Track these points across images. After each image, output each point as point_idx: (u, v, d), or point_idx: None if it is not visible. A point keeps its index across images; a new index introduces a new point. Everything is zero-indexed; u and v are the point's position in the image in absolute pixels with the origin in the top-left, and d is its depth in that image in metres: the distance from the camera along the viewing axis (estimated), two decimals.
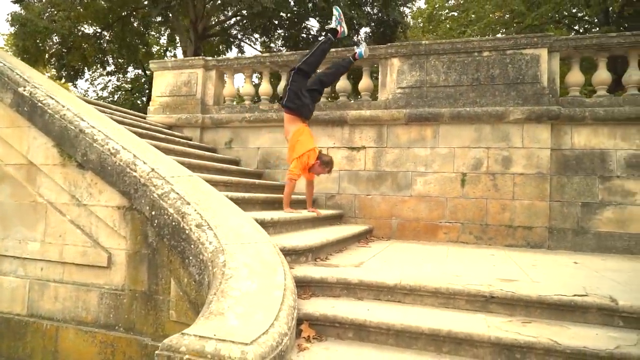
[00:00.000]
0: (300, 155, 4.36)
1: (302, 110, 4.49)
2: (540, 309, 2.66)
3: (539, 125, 5.25)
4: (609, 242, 5.06)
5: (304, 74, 4.51)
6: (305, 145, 4.39)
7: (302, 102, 4.44)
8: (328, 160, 4.52)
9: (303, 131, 4.46)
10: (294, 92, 4.43)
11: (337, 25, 4.61)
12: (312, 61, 4.52)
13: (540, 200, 5.22)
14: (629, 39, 5.17)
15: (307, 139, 4.44)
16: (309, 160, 4.40)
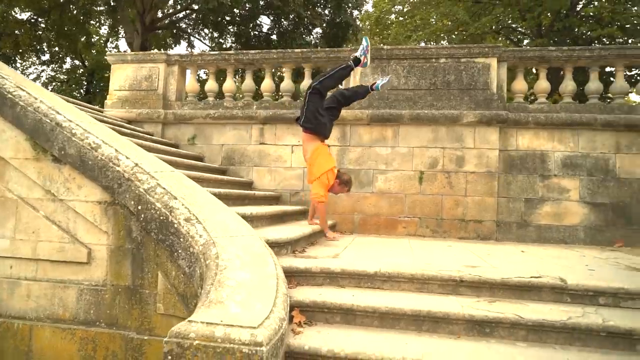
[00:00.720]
0: (319, 176, 4.34)
1: (320, 130, 4.44)
2: (503, 289, 3.02)
3: (489, 128, 5.75)
4: (547, 233, 5.65)
5: (320, 95, 4.44)
6: (323, 166, 4.34)
7: (320, 121, 4.40)
8: (347, 180, 4.48)
9: (321, 151, 4.41)
10: (312, 112, 4.38)
11: (362, 55, 4.55)
12: (328, 84, 4.45)
13: (489, 196, 5.72)
14: (565, 53, 5.80)
15: (324, 159, 4.39)
16: (329, 181, 4.37)
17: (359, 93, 4.75)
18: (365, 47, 4.55)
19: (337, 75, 4.44)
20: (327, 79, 4.37)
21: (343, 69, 4.47)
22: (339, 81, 4.56)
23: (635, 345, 2.52)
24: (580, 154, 5.67)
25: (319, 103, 4.38)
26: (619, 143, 5.61)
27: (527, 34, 13.88)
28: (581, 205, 5.62)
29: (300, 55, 6.29)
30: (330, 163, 4.37)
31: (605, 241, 5.49)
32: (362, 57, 4.53)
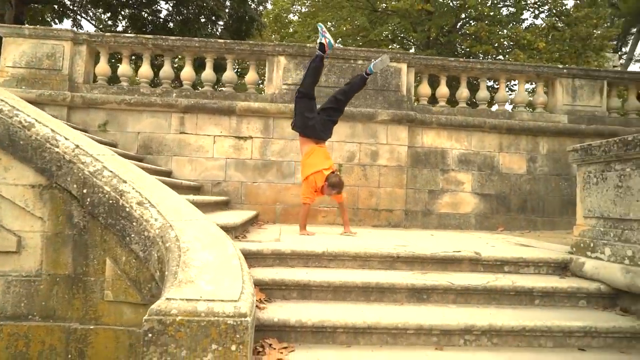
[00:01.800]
0: (306, 177, 4.42)
1: (309, 132, 4.49)
2: (431, 263, 3.50)
3: (400, 126, 6.38)
4: (446, 220, 6.47)
5: (306, 96, 4.51)
6: (310, 167, 4.40)
7: (306, 124, 4.45)
8: (334, 182, 4.36)
9: (312, 153, 4.47)
10: (298, 115, 4.52)
11: (322, 38, 4.51)
12: (307, 81, 4.53)
13: (399, 188, 6.35)
14: (462, 64, 6.68)
15: (314, 160, 4.42)
16: (317, 183, 4.38)
17: (356, 83, 4.68)
18: (320, 30, 4.56)
19: (310, 71, 4.50)
20: (305, 78, 4.50)
21: (313, 61, 4.53)
22: (315, 73, 4.54)
23: (534, 300, 3.16)
24: (472, 152, 6.59)
25: (307, 105, 4.43)
26: (502, 143, 6.65)
27: (417, 44, 15.33)
28: (473, 196, 6.55)
29: (223, 46, 6.27)
30: (319, 165, 4.35)
31: (491, 226, 6.47)
32: (323, 40, 4.46)
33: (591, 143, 3.55)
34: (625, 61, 27.71)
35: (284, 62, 6.27)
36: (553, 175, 6.68)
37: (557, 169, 6.69)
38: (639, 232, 3.07)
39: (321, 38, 4.47)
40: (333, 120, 4.62)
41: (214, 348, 2.16)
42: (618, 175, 3.25)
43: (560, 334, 2.76)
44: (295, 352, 2.51)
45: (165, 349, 2.14)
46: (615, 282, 3.08)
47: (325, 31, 4.49)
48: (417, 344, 2.68)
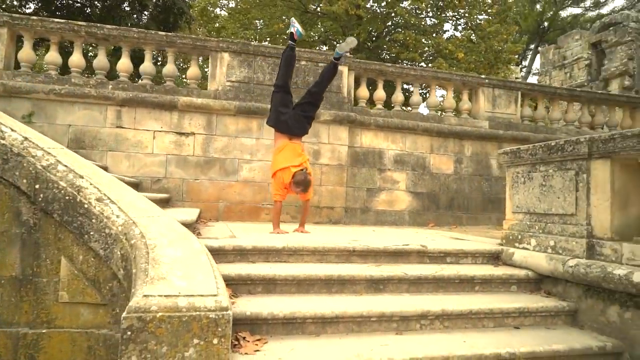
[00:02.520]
0: (274, 173, 4.38)
1: (281, 127, 4.47)
2: (384, 256, 3.74)
3: (341, 127, 6.63)
4: (383, 217, 6.84)
5: (282, 89, 4.51)
6: (279, 164, 4.33)
7: (279, 118, 4.42)
8: (299, 180, 4.27)
9: (283, 149, 4.40)
10: (273, 109, 4.51)
11: (292, 27, 4.56)
12: (281, 72, 4.53)
13: (340, 186, 6.60)
14: (398, 69, 7.09)
15: (284, 157, 4.35)
16: (284, 180, 4.31)
17: (327, 72, 4.65)
18: (291, 21, 4.67)
19: (283, 61, 4.51)
20: (279, 70, 4.51)
21: (284, 53, 4.56)
22: (287, 63, 4.53)
23: (475, 287, 3.52)
24: (407, 152, 7.03)
25: (282, 100, 4.42)
26: (432, 145, 7.17)
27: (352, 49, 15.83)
28: (407, 194, 6.99)
29: (164, 39, 6.06)
30: (288, 162, 4.26)
31: (423, 222, 6.95)
32: (292, 29, 4.51)
33: (520, 147, 4.03)
34: (525, 74, 30.86)
35: (228, 59, 6.22)
36: (476, 175, 7.34)
37: (479, 170, 7.37)
38: (559, 225, 3.55)
39: (291, 28, 4.51)
40: (308, 116, 4.53)
41: (195, 342, 2.18)
42: (542, 175, 3.73)
43: (500, 315, 3.12)
44: (269, 344, 2.59)
45: (145, 346, 2.12)
46: (541, 269, 3.54)
47: (295, 21, 4.56)
48: (379, 330, 2.89)
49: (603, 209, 3.21)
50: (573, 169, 3.43)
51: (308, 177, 4.28)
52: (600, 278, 3.00)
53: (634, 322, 2.86)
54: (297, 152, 4.40)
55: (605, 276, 2.96)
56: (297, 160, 4.34)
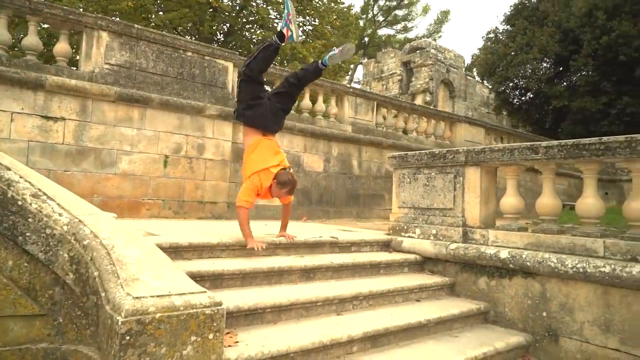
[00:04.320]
0: (249, 176, 3.68)
1: (255, 121, 3.82)
2: (303, 247, 4.08)
3: (225, 122, 6.65)
4: (264, 212, 7.11)
5: (252, 81, 3.79)
6: (255, 164, 3.70)
7: (255, 112, 3.77)
8: (286, 180, 3.68)
9: (257, 146, 3.78)
10: (244, 102, 3.81)
11: (284, 27, 3.73)
12: (255, 67, 3.77)
13: (223, 181, 6.63)
14: (278, 71, 7.42)
15: (261, 155, 3.74)
16: (263, 182, 3.69)
17: (312, 72, 4.08)
18: (286, 15, 3.73)
19: (260, 57, 3.75)
20: (252, 60, 3.75)
21: (266, 48, 3.75)
22: (266, 61, 3.84)
23: (380, 270, 4.16)
24: (284, 150, 7.39)
25: (254, 90, 3.82)
26: (306, 145, 7.74)
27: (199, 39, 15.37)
28: None
29: (26, 4, 5.15)
30: (267, 161, 3.73)
31: (297, 216, 7.45)
32: (285, 30, 3.72)
33: (407, 153, 4.85)
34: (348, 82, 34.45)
35: (107, 39, 5.64)
36: (341, 174, 8.20)
37: (343, 169, 8.25)
38: (439, 217, 4.45)
39: (283, 27, 3.72)
40: (285, 109, 4.00)
41: (193, 340, 2.23)
42: (426, 177, 4.60)
43: (407, 292, 3.81)
44: (239, 335, 2.72)
45: (144, 350, 2.10)
46: (427, 253, 4.38)
47: (293, 19, 3.73)
48: (323, 313, 3.26)
49: (474, 204, 4.19)
50: (452, 173, 4.35)
51: (294, 176, 3.82)
52: (475, 257, 3.94)
53: (497, 287, 3.85)
54: (274, 149, 3.88)
55: (480, 255, 3.91)
56: (276, 158, 3.81)
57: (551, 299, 3.49)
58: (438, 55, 27.74)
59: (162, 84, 6.06)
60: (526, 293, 3.65)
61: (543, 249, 3.59)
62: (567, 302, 3.40)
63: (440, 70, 26.51)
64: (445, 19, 40.69)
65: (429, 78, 26.18)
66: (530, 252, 3.61)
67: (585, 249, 3.36)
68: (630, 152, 3.16)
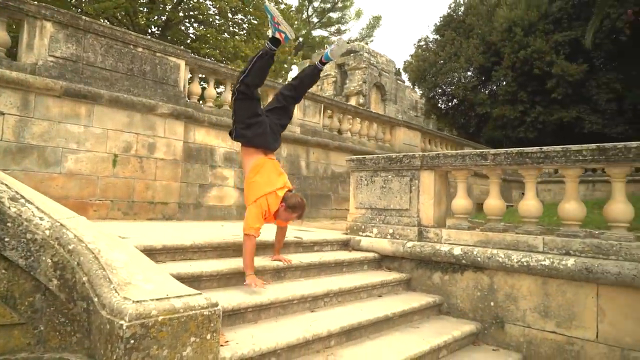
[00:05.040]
0: (255, 200, 3.43)
1: (256, 141, 3.57)
2: (270, 247, 4.18)
3: (177, 121, 6.51)
4: (214, 212, 7.06)
5: (248, 98, 3.53)
6: (261, 187, 3.46)
7: (254, 131, 3.53)
8: (295, 204, 3.45)
9: (261, 167, 3.55)
10: (242, 122, 3.54)
11: (275, 31, 3.49)
12: (250, 81, 3.50)
13: (174, 181, 6.49)
14: (230, 71, 7.39)
15: (266, 177, 3.52)
16: (270, 207, 3.45)
17: (309, 76, 3.87)
18: (271, 19, 3.52)
19: (256, 67, 3.50)
20: (247, 75, 3.49)
21: (260, 58, 3.51)
22: (262, 74, 3.60)
23: (343, 268, 4.37)
24: (235, 151, 7.42)
25: (252, 108, 3.56)
26: None
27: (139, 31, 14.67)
28: (235, 190, 7.39)
29: None
30: (273, 184, 3.51)
31: None
32: (278, 34, 3.51)
33: (365, 156, 5.11)
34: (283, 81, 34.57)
35: (52, 30, 5.30)
36: (290, 174, 8.30)
37: (292, 169, 8.39)
38: (396, 217, 4.77)
39: (274, 31, 3.50)
40: (283, 125, 3.82)
41: (192, 341, 2.29)
42: (383, 179, 4.89)
43: (370, 288, 4.06)
44: (227, 335, 2.79)
45: (148, 353, 2.13)
46: (385, 251, 4.67)
47: (279, 20, 3.48)
48: (298, 310, 3.41)
49: (428, 205, 4.55)
50: (408, 176, 4.67)
51: (303, 199, 3.59)
52: (431, 254, 4.29)
53: (450, 282, 4.23)
54: (278, 170, 3.66)
55: (435, 252, 4.26)
56: (281, 180, 3.59)
57: (498, 290, 3.92)
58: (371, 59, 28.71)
59: (111, 79, 5.81)
60: (476, 286, 4.06)
61: (491, 246, 4.01)
62: (512, 292, 3.84)
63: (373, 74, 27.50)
64: (377, 24, 42.20)
65: (363, 81, 27.05)
66: (480, 249, 4.01)
67: (527, 245, 3.81)
68: (565, 160, 3.65)
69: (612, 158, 3.42)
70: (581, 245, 3.54)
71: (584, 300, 3.46)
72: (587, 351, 3.43)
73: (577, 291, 3.50)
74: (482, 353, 3.71)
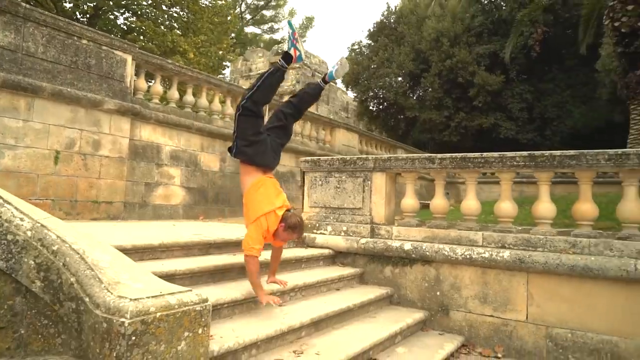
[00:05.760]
0: (255, 219, 3.33)
1: (257, 160, 3.47)
2: (232, 246, 4.25)
3: (123, 118, 6.32)
4: (160, 211, 6.92)
5: (253, 115, 3.41)
6: (261, 206, 3.36)
7: (256, 149, 3.43)
8: (295, 223, 3.35)
9: (261, 186, 3.44)
10: (244, 138, 3.42)
11: (291, 47, 3.49)
12: (259, 99, 3.43)
13: (120, 179, 6.29)
14: (177, 68, 7.27)
15: (265, 196, 3.41)
16: (270, 226, 3.35)
17: (311, 94, 3.81)
18: (291, 35, 3.52)
19: (266, 84, 3.44)
20: (256, 92, 3.39)
21: (271, 74, 3.44)
22: (271, 90, 3.55)
23: (302, 264, 4.59)
24: (181, 149, 7.33)
25: (254, 125, 3.46)
26: (203, 144, 7.73)
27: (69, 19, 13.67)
28: (181, 189, 7.29)
29: None
30: (272, 203, 3.41)
31: (194, 215, 7.43)
32: (293, 50, 3.50)
33: (320, 157, 5.36)
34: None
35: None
36: (236, 173, 8.35)
37: (238, 168, 8.38)
38: (349, 215, 5.08)
39: (290, 47, 3.52)
40: (283, 144, 3.72)
41: (186, 335, 2.42)
42: (337, 180, 5.18)
43: (329, 282, 4.33)
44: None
45: (147, 348, 2.22)
46: (340, 247, 4.95)
47: (297, 38, 3.54)
48: (269, 304, 3.57)
49: (380, 205, 4.91)
50: (361, 177, 5.00)
51: (302, 218, 3.53)
52: (383, 249, 4.64)
53: (400, 274, 4.62)
54: (277, 189, 3.57)
55: (387, 248, 4.63)
56: (280, 199, 3.50)
57: (444, 281, 4.36)
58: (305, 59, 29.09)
59: (53, 72, 5.51)
60: (424, 277, 4.48)
61: (437, 241, 4.45)
62: (455, 282, 4.30)
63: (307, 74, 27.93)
64: (310, 25, 42.72)
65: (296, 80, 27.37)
66: (428, 244, 4.43)
67: (469, 240, 4.30)
68: (501, 165, 4.17)
69: (540, 164, 3.98)
70: (514, 239, 4.07)
71: (517, 287, 3.99)
72: (518, 331, 3.97)
73: (511, 279, 4.02)
74: (430, 337, 4.12)
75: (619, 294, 3.57)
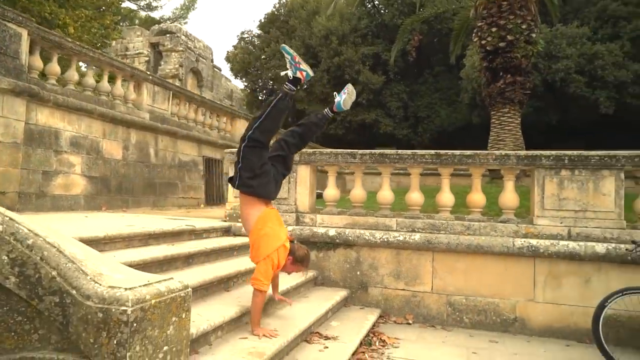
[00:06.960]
0: (266, 256, 3.24)
1: (262, 192, 3.36)
2: (170, 236, 4.34)
3: (18, 99, 5.68)
4: (60, 202, 6.39)
5: (260, 146, 3.23)
6: (271, 241, 3.26)
7: (260, 181, 3.29)
8: (303, 256, 3.39)
9: (268, 220, 3.33)
10: (250, 170, 3.25)
11: (295, 71, 3.26)
12: (268, 127, 3.22)
13: (14, 167, 5.68)
14: (78, 47, 6.70)
15: (273, 229, 3.31)
16: (280, 260, 3.29)
17: (316, 124, 3.59)
18: (291, 59, 3.30)
19: (275, 111, 3.24)
20: (264, 120, 3.21)
21: (280, 100, 3.24)
22: (280, 117, 3.32)
23: (234, 252, 4.81)
24: (82, 135, 6.81)
25: (261, 157, 3.27)
26: (105, 131, 7.26)
27: None
28: (82, 178, 6.79)
29: None
30: (280, 237, 3.31)
31: (97, 206, 6.99)
32: (298, 73, 3.29)
33: None
34: None
35: None
36: (139, 162, 8.02)
37: (141, 157, 8.08)
38: (276, 205, 5.39)
39: (295, 71, 3.29)
40: (284, 174, 3.58)
41: (173, 320, 2.61)
42: None
43: None
44: None
45: (145, 334, 2.39)
46: None
47: (300, 60, 3.32)
48: (218, 290, 3.79)
49: (304, 195, 5.34)
50: None
51: (307, 249, 3.57)
52: (310, 235, 5.09)
53: (324, 258, 5.12)
54: (279, 221, 3.51)
55: (313, 234, 5.09)
56: (284, 231, 3.44)
57: (363, 262, 4.98)
58: (188, 42, 28.04)
59: None
60: (346, 260, 5.04)
61: (357, 227, 5.04)
62: (373, 262, 4.95)
63: (190, 59, 26.91)
64: (192, 6, 40.84)
65: (179, 64, 26.23)
66: (350, 230, 5.00)
67: (385, 225, 4.97)
68: (413, 161, 4.91)
69: (444, 161, 4.80)
70: (422, 224, 4.84)
71: (424, 264, 4.78)
72: (425, 300, 4.76)
73: (419, 258, 4.79)
74: (354, 312, 4.71)
75: (500, 266, 4.55)
